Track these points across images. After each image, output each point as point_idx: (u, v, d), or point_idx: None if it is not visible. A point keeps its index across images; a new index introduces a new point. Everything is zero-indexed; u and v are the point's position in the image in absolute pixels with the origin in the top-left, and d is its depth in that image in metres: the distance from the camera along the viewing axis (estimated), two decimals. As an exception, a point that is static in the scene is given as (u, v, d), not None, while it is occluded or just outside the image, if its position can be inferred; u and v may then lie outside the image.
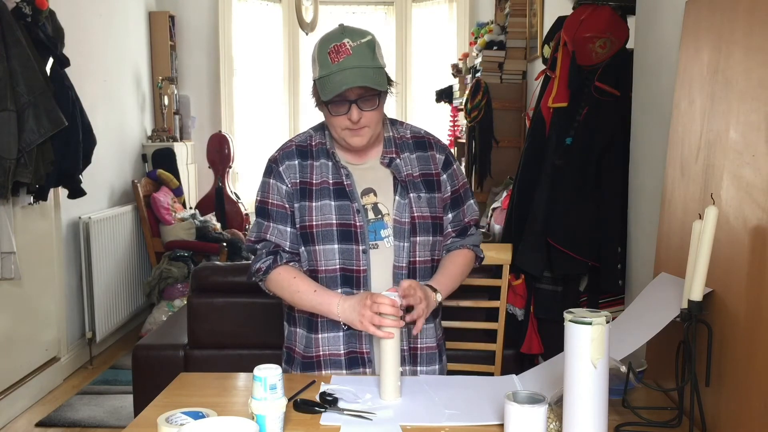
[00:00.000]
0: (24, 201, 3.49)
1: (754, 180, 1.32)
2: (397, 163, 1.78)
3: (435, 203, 1.79)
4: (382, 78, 1.67)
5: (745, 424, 1.29)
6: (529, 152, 2.75)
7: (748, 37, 1.42)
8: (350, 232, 1.72)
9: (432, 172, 1.81)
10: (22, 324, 3.65)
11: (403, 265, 1.74)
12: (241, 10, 6.08)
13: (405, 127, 1.88)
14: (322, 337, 1.77)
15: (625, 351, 1.47)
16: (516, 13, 4.86)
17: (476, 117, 4.43)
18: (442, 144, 1.89)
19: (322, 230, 1.73)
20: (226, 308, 2.70)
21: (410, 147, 1.83)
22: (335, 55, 1.63)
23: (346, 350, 1.76)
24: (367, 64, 1.64)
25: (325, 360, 1.77)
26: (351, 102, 1.65)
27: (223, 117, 5.96)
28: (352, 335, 1.75)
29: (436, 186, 1.80)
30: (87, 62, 4.32)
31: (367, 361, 1.76)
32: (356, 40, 1.65)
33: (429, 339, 1.83)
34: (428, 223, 1.77)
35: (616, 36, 2.53)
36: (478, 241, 1.91)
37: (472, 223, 1.89)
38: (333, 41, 1.65)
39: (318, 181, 1.76)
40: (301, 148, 1.80)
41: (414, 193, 1.76)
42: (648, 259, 2.11)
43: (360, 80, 1.62)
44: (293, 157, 1.78)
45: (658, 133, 2.09)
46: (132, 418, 2.32)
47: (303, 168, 1.77)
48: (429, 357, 1.83)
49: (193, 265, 4.71)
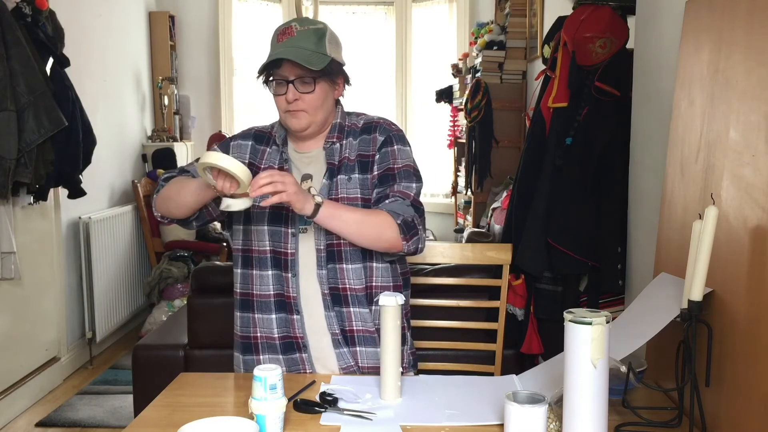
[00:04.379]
0: (24, 201, 3.49)
1: (754, 180, 1.32)
2: (333, 147, 1.79)
3: (367, 184, 1.77)
4: (319, 61, 1.67)
5: (745, 424, 1.29)
6: (529, 152, 2.74)
7: (748, 37, 1.42)
8: (280, 215, 1.76)
9: (369, 153, 1.79)
10: (22, 324, 3.65)
11: (322, 247, 1.75)
12: (241, 10, 6.08)
13: (360, 117, 1.86)
14: (257, 318, 1.79)
15: (625, 351, 1.47)
16: (516, 13, 4.86)
17: (476, 117, 4.43)
18: (392, 127, 1.82)
19: (256, 211, 1.77)
20: (226, 308, 2.68)
21: (356, 133, 1.82)
22: (281, 36, 1.70)
23: (281, 334, 1.78)
24: (307, 47, 1.68)
25: (262, 343, 1.79)
26: (289, 82, 1.69)
27: (223, 117, 5.96)
28: (285, 319, 1.77)
29: (370, 167, 1.78)
30: (87, 62, 4.32)
31: (302, 346, 1.77)
32: (305, 25, 1.71)
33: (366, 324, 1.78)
34: (357, 204, 1.75)
35: (616, 36, 2.53)
36: (401, 210, 1.69)
37: (397, 195, 1.73)
38: (283, 26, 1.72)
39: (264, 166, 1.80)
40: (260, 133, 1.87)
41: (344, 175, 1.76)
42: (648, 259, 2.11)
43: (289, 55, 1.65)
44: (248, 139, 1.85)
45: (658, 134, 2.09)
46: (132, 418, 2.33)
47: (254, 151, 1.83)
48: (366, 339, 1.79)
49: (193, 265, 4.71)
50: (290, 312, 1.77)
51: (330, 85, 1.75)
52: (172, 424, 1.39)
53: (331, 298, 1.76)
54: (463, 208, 5.25)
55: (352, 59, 1.93)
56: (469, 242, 3.56)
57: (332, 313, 1.76)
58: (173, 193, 1.75)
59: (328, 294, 1.76)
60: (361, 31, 6.33)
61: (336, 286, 1.76)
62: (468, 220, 4.98)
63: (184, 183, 1.74)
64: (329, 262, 1.75)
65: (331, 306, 1.76)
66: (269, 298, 1.77)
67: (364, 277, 1.77)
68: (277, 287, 1.77)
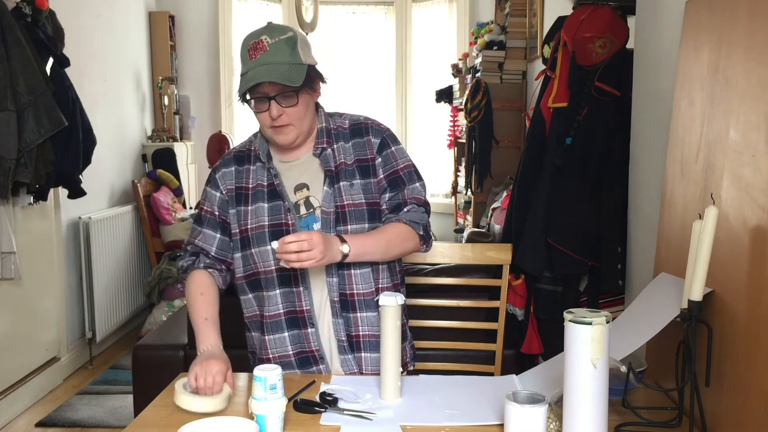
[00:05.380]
0: (24, 201, 3.48)
1: (754, 180, 1.32)
2: (326, 153, 1.78)
3: (371, 189, 1.77)
4: (298, 74, 1.65)
5: (745, 424, 1.29)
6: (529, 152, 2.74)
7: (748, 37, 1.42)
8: (281, 231, 1.72)
9: (367, 157, 1.79)
10: (22, 324, 3.65)
11: None
12: (241, 10, 6.08)
13: (344, 117, 1.85)
14: (269, 339, 1.78)
15: (625, 351, 1.47)
16: (516, 13, 4.86)
17: (476, 117, 4.43)
18: (382, 128, 1.84)
19: (256, 233, 1.75)
20: (226, 308, 2.67)
21: (346, 136, 1.81)
22: (253, 51, 1.66)
23: (295, 350, 1.77)
24: (282, 60, 1.65)
25: (276, 363, 1.75)
26: (270, 99, 1.67)
27: (223, 117, 5.96)
28: (298, 335, 1.76)
29: (372, 171, 1.78)
30: (87, 62, 4.32)
31: (319, 358, 1.77)
32: (275, 36, 1.66)
33: (373, 328, 1.79)
34: (362, 210, 1.75)
35: (616, 36, 2.53)
36: (419, 218, 1.77)
37: (412, 201, 1.79)
38: (252, 38, 1.67)
39: (253, 185, 1.78)
40: (240, 154, 1.84)
41: (345, 181, 1.75)
42: (648, 259, 2.11)
43: (269, 76, 1.63)
44: (230, 164, 1.83)
45: (658, 133, 2.09)
46: (132, 418, 2.32)
47: (239, 174, 1.81)
48: (371, 344, 1.79)
49: (193, 265, 4.70)
50: (303, 326, 1.76)
51: (310, 92, 1.73)
52: (172, 424, 1.39)
53: (340, 305, 1.75)
54: (463, 208, 5.25)
55: (352, 59, 1.92)
56: (469, 242, 3.56)
57: (340, 320, 1.76)
58: (188, 303, 1.80)
59: (337, 301, 1.75)
60: (361, 31, 6.32)
61: (344, 293, 1.76)
62: (468, 220, 4.98)
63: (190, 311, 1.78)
64: (339, 269, 1.74)
65: (339, 313, 1.76)
66: (280, 317, 1.77)
67: (371, 280, 1.77)
68: (287, 305, 1.76)
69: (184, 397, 1.50)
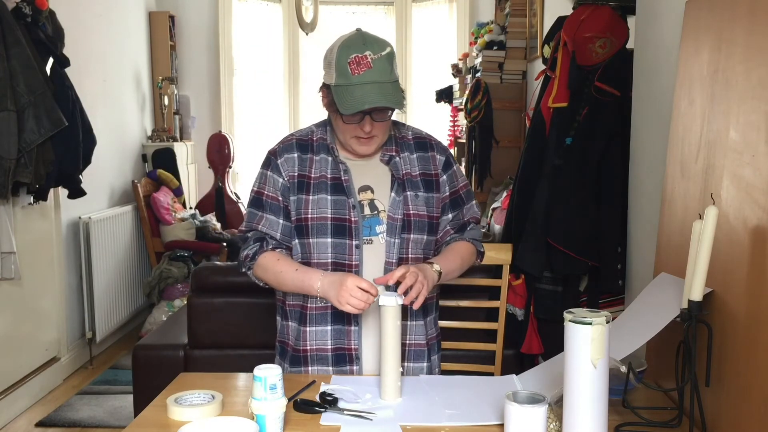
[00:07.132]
0: (24, 201, 3.49)
1: (754, 180, 1.32)
2: (396, 161, 1.79)
3: (433, 203, 1.80)
4: (400, 93, 1.67)
5: (745, 424, 1.29)
6: (529, 152, 2.74)
7: (748, 37, 1.42)
8: (344, 227, 1.73)
9: (432, 173, 1.83)
10: (22, 324, 3.65)
11: (393, 260, 1.74)
12: (241, 10, 6.08)
13: (407, 128, 1.89)
14: (310, 330, 1.77)
15: (625, 351, 1.47)
16: (516, 13, 4.86)
17: (476, 117, 4.42)
18: (443, 146, 1.91)
19: (317, 223, 1.74)
20: (226, 308, 2.70)
21: (411, 147, 1.84)
22: (356, 66, 1.62)
23: (334, 346, 1.77)
24: (386, 79, 1.64)
25: (312, 355, 1.78)
26: (365, 113, 1.65)
27: (223, 117, 5.96)
28: (340, 331, 1.76)
29: (435, 186, 1.82)
30: (87, 62, 4.32)
31: (355, 358, 1.76)
32: (377, 52, 1.64)
33: (418, 336, 1.83)
34: (423, 221, 1.78)
35: (616, 36, 2.53)
36: (478, 235, 1.92)
37: (472, 220, 1.90)
38: (354, 51, 1.63)
39: (316, 175, 1.77)
40: (302, 142, 1.81)
41: (411, 191, 1.78)
42: (648, 259, 2.11)
43: (381, 100, 1.62)
44: (292, 150, 1.80)
45: (658, 133, 2.09)
46: (132, 418, 2.32)
47: (302, 161, 1.78)
48: (417, 354, 1.82)
49: (193, 265, 4.71)
50: (348, 323, 1.75)
51: None
52: (172, 424, 1.39)
53: None
54: (463, 208, 5.24)
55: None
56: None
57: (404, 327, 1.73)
58: (272, 281, 1.77)
59: None
60: (361, 31, 6.32)
61: None
62: (468, 220, 4.97)
63: (280, 277, 1.74)
64: None
65: None
66: (326, 309, 1.76)
67: None
68: None
69: (176, 409, 1.48)
